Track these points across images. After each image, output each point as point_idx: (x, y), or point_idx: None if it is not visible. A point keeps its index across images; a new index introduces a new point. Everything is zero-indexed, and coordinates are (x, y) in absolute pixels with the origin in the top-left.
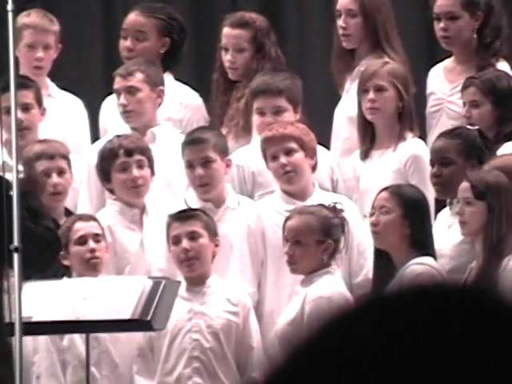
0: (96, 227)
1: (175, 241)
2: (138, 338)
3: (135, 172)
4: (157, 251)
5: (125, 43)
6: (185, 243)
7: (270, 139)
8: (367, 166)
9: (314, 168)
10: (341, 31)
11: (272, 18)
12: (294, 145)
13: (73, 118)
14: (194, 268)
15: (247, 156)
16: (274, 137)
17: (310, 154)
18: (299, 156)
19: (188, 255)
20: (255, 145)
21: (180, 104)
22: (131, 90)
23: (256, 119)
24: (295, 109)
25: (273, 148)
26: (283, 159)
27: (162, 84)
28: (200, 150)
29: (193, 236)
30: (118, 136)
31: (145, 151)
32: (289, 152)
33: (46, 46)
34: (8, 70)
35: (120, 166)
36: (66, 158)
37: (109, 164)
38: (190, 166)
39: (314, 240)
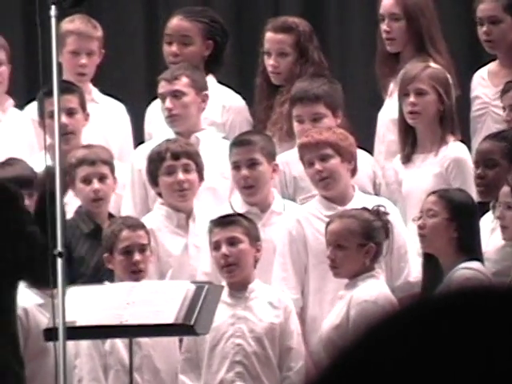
0: (143, 237)
1: (216, 246)
2: (179, 342)
3: (181, 176)
4: (202, 255)
5: (170, 48)
6: (224, 249)
7: (306, 146)
8: (409, 170)
9: (353, 172)
10: (384, 35)
11: (314, 22)
12: (329, 151)
13: (116, 123)
14: (234, 274)
15: (289, 160)
16: (309, 143)
17: (348, 158)
18: (335, 162)
19: (227, 261)
20: (296, 149)
21: (223, 107)
22: (177, 94)
23: (296, 126)
24: (335, 114)
25: (308, 154)
26: (318, 165)
27: (207, 89)
28: (247, 152)
29: (232, 242)
30: (168, 140)
31: (192, 156)
32: (324, 158)
33: (90, 52)
34: (52, 75)
35: (166, 169)
36: (108, 163)
37: (156, 167)
38: (237, 167)
39: (356, 243)
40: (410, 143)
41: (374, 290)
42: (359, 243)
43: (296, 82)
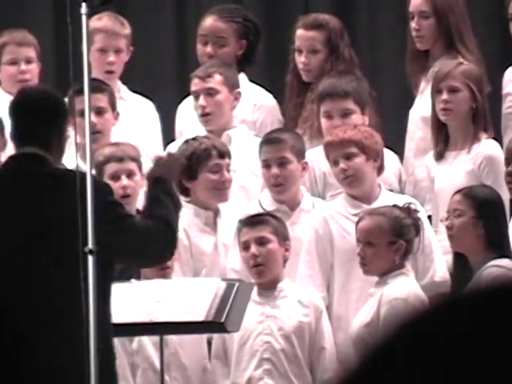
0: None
1: (245, 246)
2: (207, 340)
3: (226, 175)
4: (232, 253)
5: (205, 49)
6: (253, 249)
7: (330, 144)
8: (441, 168)
9: (379, 170)
10: (414, 33)
11: (344, 19)
12: (353, 149)
13: (145, 120)
14: (263, 274)
15: (317, 157)
16: (333, 142)
17: (373, 156)
18: (359, 160)
19: (257, 261)
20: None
21: (254, 105)
22: (210, 92)
23: (324, 122)
24: (363, 110)
25: (333, 153)
26: (342, 164)
27: (239, 86)
28: (277, 150)
29: (261, 241)
30: (206, 137)
31: (230, 156)
32: (349, 157)
33: (118, 49)
34: (82, 73)
35: (213, 167)
36: (136, 160)
37: (199, 163)
38: (267, 165)
39: (386, 241)
40: (443, 140)
41: (405, 287)
42: (389, 240)
43: (323, 79)
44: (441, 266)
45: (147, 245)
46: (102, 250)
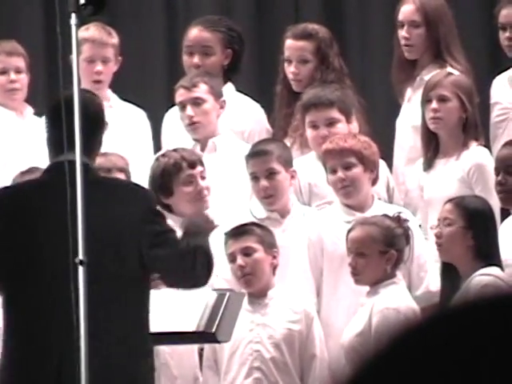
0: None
1: (231, 258)
2: (196, 350)
3: (202, 183)
4: (222, 261)
5: (191, 60)
6: (239, 260)
7: (330, 152)
8: (431, 176)
9: (374, 181)
10: (403, 42)
11: (333, 29)
12: (353, 159)
13: (135, 129)
14: (252, 283)
15: (303, 167)
16: (333, 150)
17: (370, 167)
18: (358, 170)
19: (244, 272)
20: (310, 156)
21: (242, 115)
22: (197, 102)
23: (310, 133)
24: (348, 119)
25: (332, 161)
26: (341, 173)
27: (223, 95)
28: (264, 162)
29: (247, 252)
30: (175, 150)
31: (202, 163)
32: (348, 166)
33: (105, 59)
34: (71, 83)
35: (186, 178)
36: (124, 171)
37: (171, 178)
38: (255, 177)
39: (377, 251)
40: (433, 149)
41: (396, 297)
42: (381, 250)
43: (307, 89)
44: (435, 276)
45: (188, 264)
46: (142, 260)
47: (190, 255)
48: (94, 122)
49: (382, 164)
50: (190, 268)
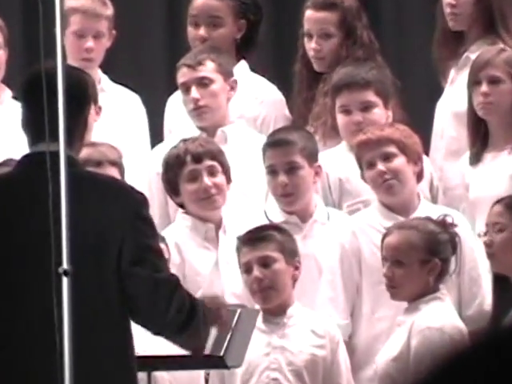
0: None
1: (246, 268)
2: (202, 377)
3: (206, 180)
4: (232, 273)
5: (196, 32)
6: (256, 271)
7: (365, 143)
8: (478, 172)
9: (419, 176)
10: (448, 9)
11: None
12: (393, 149)
13: (129, 116)
14: (270, 299)
15: (332, 160)
16: (369, 140)
17: (414, 158)
18: (400, 161)
19: (261, 285)
20: (341, 148)
21: (255, 99)
22: (203, 82)
23: (341, 118)
24: (385, 103)
25: (369, 153)
26: (381, 165)
27: (233, 74)
28: (285, 154)
29: (265, 262)
30: (184, 140)
31: (216, 155)
32: (388, 157)
33: (97, 33)
34: (55, 61)
35: (188, 174)
36: (116, 164)
37: (175, 174)
38: (273, 171)
39: (418, 259)
40: (481, 140)
41: (440, 314)
42: (422, 259)
43: (338, 68)
44: (490, 292)
45: (161, 301)
46: (121, 275)
47: (168, 289)
48: (78, 105)
49: (425, 159)
50: (163, 307)
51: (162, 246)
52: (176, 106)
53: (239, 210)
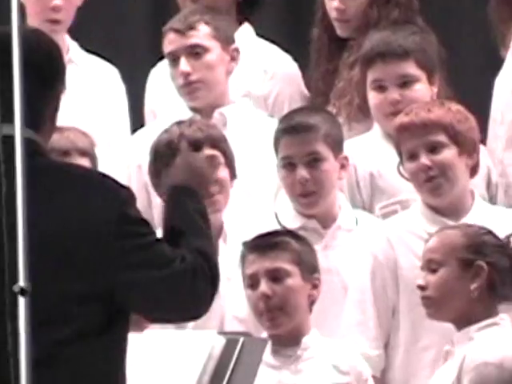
0: None
1: (252, 282)
2: None
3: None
4: (235, 292)
5: None
6: (264, 286)
7: (406, 128)
8: None
9: (473, 170)
10: None
11: None
12: (442, 137)
13: (104, 95)
14: (279, 322)
15: (361, 150)
16: (411, 124)
17: (468, 149)
18: (450, 153)
19: (269, 304)
20: (373, 134)
21: (264, 72)
22: (195, 52)
23: (374, 97)
24: (430, 78)
25: (410, 142)
26: (425, 159)
27: (234, 41)
28: (305, 142)
29: (276, 275)
30: (179, 123)
31: (219, 143)
32: (435, 148)
33: None
34: (10, 23)
35: None
36: (86, 154)
37: (167, 165)
38: (290, 165)
39: (456, 259)
40: None
41: (499, 346)
42: (461, 258)
43: (371, 33)
44: None
45: (186, 287)
46: (111, 292)
47: (188, 273)
48: (48, 77)
49: (481, 149)
50: (189, 291)
51: None
52: (161, 81)
53: (244, 213)
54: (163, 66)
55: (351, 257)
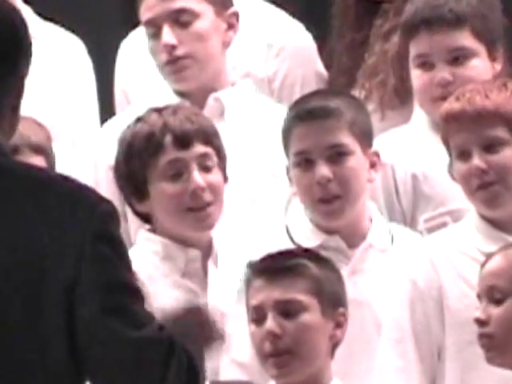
0: None
1: (257, 316)
2: None
3: (197, 178)
4: (234, 329)
5: None
6: (271, 322)
7: (456, 118)
8: None
9: None
10: None
11: None
12: (502, 131)
13: (67, 75)
14: (290, 370)
15: (402, 146)
16: (463, 113)
17: None
18: (511, 154)
19: (278, 345)
20: (418, 124)
21: (269, 46)
22: (182, 18)
23: (417, 76)
24: (491, 52)
25: (461, 136)
26: (479, 159)
27: (233, 4)
28: (326, 132)
29: (288, 309)
30: (159, 110)
31: (211, 138)
32: (492, 145)
33: None
34: None
35: (168, 166)
36: (41, 151)
37: (144, 164)
38: (306, 161)
39: None
40: None
41: None
42: None
43: None
44: None
45: (154, 366)
46: (75, 338)
47: (163, 345)
48: (8, 56)
49: None
50: (158, 369)
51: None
52: (135, 56)
53: (242, 227)
54: (138, 36)
55: (385, 284)
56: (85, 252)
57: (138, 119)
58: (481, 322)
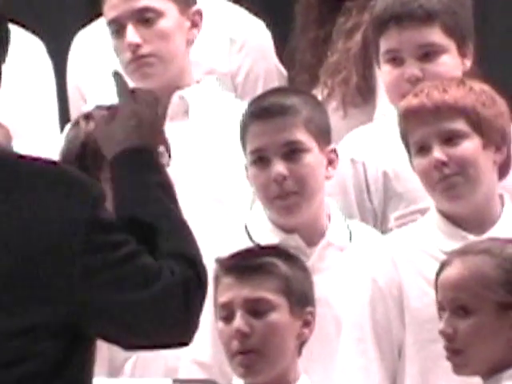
0: None
1: (226, 314)
2: None
3: None
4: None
5: None
6: (240, 321)
7: (415, 113)
8: None
9: (503, 169)
10: None
11: None
12: (461, 125)
13: (27, 74)
14: (258, 369)
15: (373, 143)
16: (421, 108)
17: (495, 141)
18: (472, 145)
19: (246, 344)
20: (388, 121)
21: (231, 42)
22: (146, 17)
23: (387, 72)
24: (461, 48)
25: (420, 131)
26: (439, 152)
27: (196, 2)
28: (281, 129)
29: (257, 308)
30: (100, 107)
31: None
32: (451, 138)
33: None
34: None
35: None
36: None
37: (98, 166)
38: (261, 159)
39: (494, 304)
40: None
41: None
42: (500, 303)
43: None
44: None
45: (171, 310)
46: (74, 321)
47: (178, 288)
48: None
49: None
50: (180, 312)
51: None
52: (91, 50)
53: (206, 227)
54: (96, 28)
55: (345, 282)
56: (75, 240)
57: (86, 112)
58: (448, 337)
